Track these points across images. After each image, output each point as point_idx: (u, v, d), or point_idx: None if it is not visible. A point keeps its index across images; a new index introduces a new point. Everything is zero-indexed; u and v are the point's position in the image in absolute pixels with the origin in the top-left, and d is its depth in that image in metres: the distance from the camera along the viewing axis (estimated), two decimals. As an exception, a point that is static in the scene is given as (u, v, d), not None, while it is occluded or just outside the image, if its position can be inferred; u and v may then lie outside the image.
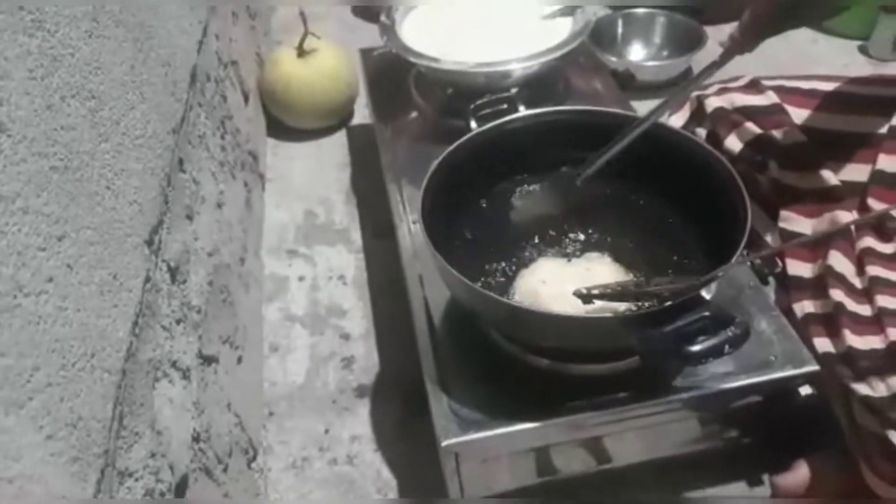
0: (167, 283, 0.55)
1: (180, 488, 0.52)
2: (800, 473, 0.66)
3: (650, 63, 1.23)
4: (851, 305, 0.65)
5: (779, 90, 0.83)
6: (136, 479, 0.44)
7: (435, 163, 0.67)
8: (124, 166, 0.48)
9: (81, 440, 0.37)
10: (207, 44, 0.79)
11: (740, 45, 0.66)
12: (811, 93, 0.82)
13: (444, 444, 0.60)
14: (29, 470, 0.32)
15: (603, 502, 0.68)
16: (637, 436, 0.66)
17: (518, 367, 0.64)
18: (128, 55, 0.52)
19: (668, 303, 0.55)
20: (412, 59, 0.89)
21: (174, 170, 0.60)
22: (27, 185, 0.36)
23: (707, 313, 0.53)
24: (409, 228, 0.80)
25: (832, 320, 0.65)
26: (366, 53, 1.08)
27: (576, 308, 0.59)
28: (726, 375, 0.63)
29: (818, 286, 0.69)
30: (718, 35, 1.22)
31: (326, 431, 0.78)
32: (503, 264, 0.70)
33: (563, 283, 0.62)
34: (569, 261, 0.69)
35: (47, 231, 0.37)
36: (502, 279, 0.68)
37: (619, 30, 1.27)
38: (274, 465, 0.75)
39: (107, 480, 0.40)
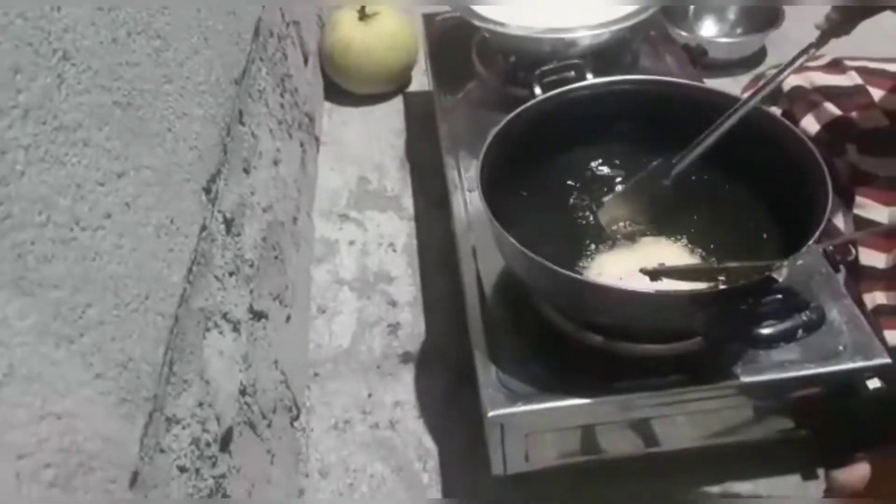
0: (222, 233, 0.55)
1: (225, 440, 0.51)
2: (859, 469, 0.62)
3: (723, 40, 1.17)
4: (926, 298, 0.61)
5: (862, 71, 0.79)
6: (184, 427, 0.44)
7: (497, 127, 0.65)
8: (186, 110, 0.47)
9: (131, 382, 0.37)
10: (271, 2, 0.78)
11: (838, 25, 0.62)
12: None
13: (490, 414, 0.58)
14: (76, 407, 0.32)
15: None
16: (689, 420, 0.64)
17: (570, 343, 0.62)
18: (193, -1, 0.51)
19: (741, 283, 0.52)
20: (477, 23, 0.86)
21: (234, 121, 0.59)
22: (89, 116, 0.35)
23: (780, 296, 0.50)
24: (465, 198, 0.78)
25: None
26: (428, 18, 1.06)
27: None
28: (790, 363, 0.60)
29: (892, 276, 0.65)
30: (795, 13, 1.16)
31: (369, 396, 0.78)
32: (562, 238, 0.67)
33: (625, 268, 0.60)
34: (629, 247, 0.66)
35: (107, 166, 0.36)
36: (559, 253, 0.66)
37: (692, 4, 1.22)
38: (316, 426, 0.75)
39: (154, 425, 0.40)
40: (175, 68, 0.47)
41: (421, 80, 1.20)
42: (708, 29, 1.22)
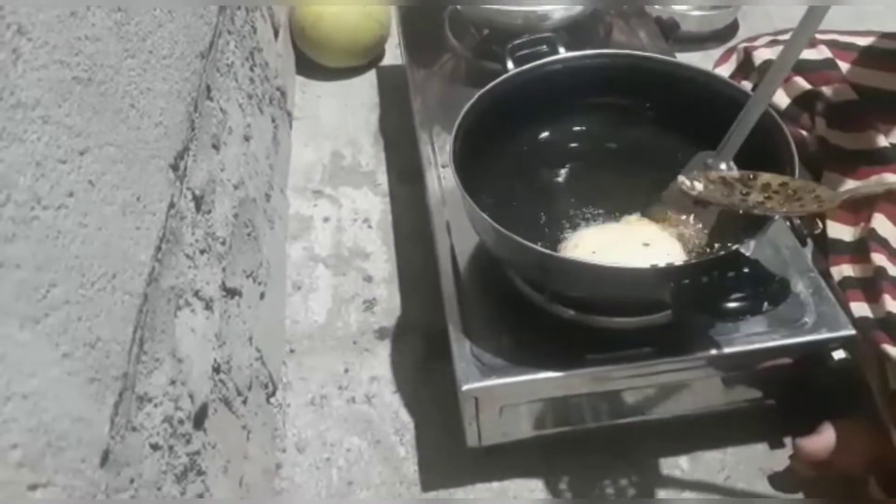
0: (191, 211, 0.54)
1: (199, 418, 0.51)
2: (825, 437, 0.64)
3: (695, 13, 1.17)
4: (893, 270, 0.63)
5: (832, 45, 0.79)
6: (156, 405, 0.44)
7: (469, 102, 0.65)
8: (150, 86, 0.47)
9: (99, 361, 0.37)
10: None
11: None
12: (867, 49, 0.78)
13: (464, 388, 0.59)
14: (44, 387, 0.32)
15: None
16: (659, 392, 0.65)
17: (543, 317, 0.63)
18: (156, -30, 0.50)
19: (707, 257, 0.53)
20: (449, -3, 0.85)
21: (202, 96, 0.58)
22: (48, 93, 0.34)
23: (746, 269, 0.51)
24: (439, 174, 0.78)
25: (872, 284, 0.63)
26: (400, -10, 1.05)
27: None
28: (758, 335, 0.61)
29: (859, 249, 0.66)
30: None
31: (346, 371, 0.78)
32: (534, 212, 0.68)
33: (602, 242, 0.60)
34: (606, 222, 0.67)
35: (68, 143, 0.36)
36: (532, 227, 0.67)
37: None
38: (293, 402, 0.76)
39: (125, 403, 0.40)
40: (137, 42, 0.46)
41: (394, 54, 1.19)
42: (680, 1, 1.21)
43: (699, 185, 0.59)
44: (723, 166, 0.62)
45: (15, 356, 0.30)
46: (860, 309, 0.63)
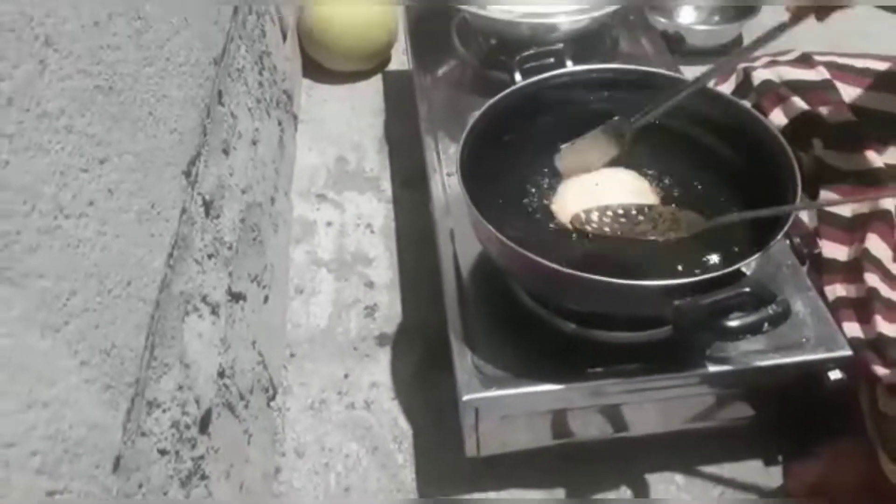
0: (201, 216, 0.55)
1: (204, 422, 0.52)
2: (819, 458, 0.65)
3: (700, 27, 1.18)
4: (886, 291, 0.64)
5: (830, 66, 0.80)
6: (164, 411, 0.45)
7: (477, 113, 0.66)
8: (167, 93, 0.47)
9: (114, 368, 0.37)
10: (250, -25, 0.77)
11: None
12: (864, 71, 0.79)
13: (465, 398, 0.60)
14: (63, 394, 0.32)
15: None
16: (657, 406, 0.66)
17: (544, 329, 0.64)
18: (175, -22, 0.51)
19: (709, 275, 0.54)
20: (458, 6, 0.86)
21: (213, 101, 0.59)
22: (72, 102, 0.35)
23: (747, 289, 0.52)
24: (443, 180, 0.78)
25: (864, 305, 0.64)
26: (409, -3, 1.05)
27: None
28: (756, 353, 0.62)
29: (852, 270, 0.67)
30: (772, 1, 1.17)
31: (346, 376, 0.79)
32: (540, 224, 0.68)
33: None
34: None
35: (90, 153, 0.36)
36: (536, 238, 0.67)
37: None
38: (293, 406, 0.76)
39: (136, 409, 0.40)
40: (155, 50, 0.46)
41: (401, 59, 1.20)
42: (686, 16, 1.23)
43: (594, 219, 0.62)
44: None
45: (36, 365, 0.30)
46: (852, 329, 0.63)
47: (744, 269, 0.56)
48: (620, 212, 0.62)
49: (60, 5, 0.35)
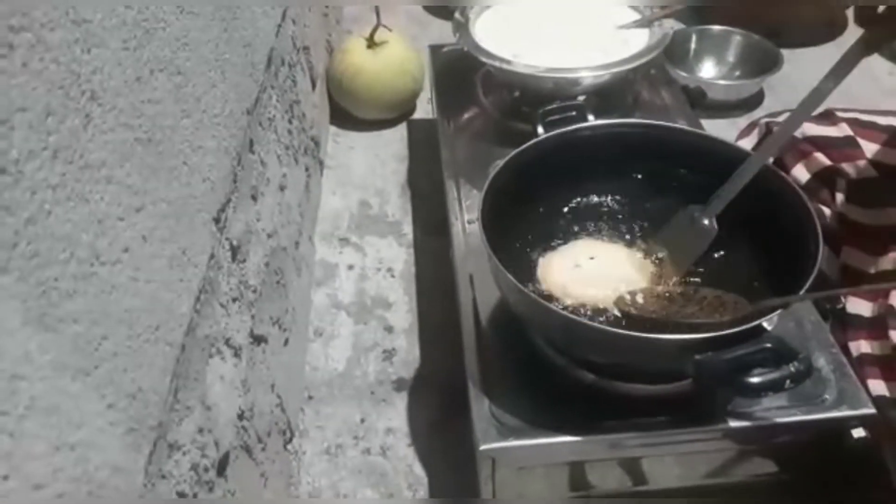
0: (228, 261, 0.56)
1: (222, 465, 0.52)
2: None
3: (722, 82, 1.20)
4: (912, 347, 0.63)
5: (853, 123, 0.81)
6: (184, 453, 0.45)
7: (500, 163, 0.67)
8: (202, 143, 0.49)
9: (139, 411, 0.38)
10: (285, 27, 0.80)
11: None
12: (887, 128, 0.79)
13: (482, 448, 0.59)
14: (89, 437, 0.33)
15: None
16: (677, 460, 0.65)
17: (563, 379, 0.64)
18: (214, 34, 0.53)
19: (728, 330, 0.54)
20: (483, 59, 0.88)
21: (244, 150, 0.61)
22: (113, 154, 0.36)
23: (769, 345, 0.52)
24: (464, 227, 0.79)
25: (889, 362, 0.63)
26: (435, 50, 1.08)
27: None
28: (777, 409, 0.61)
29: (877, 326, 0.67)
30: (793, 58, 1.19)
31: (362, 421, 0.79)
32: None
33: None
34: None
35: (127, 202, 0.38)
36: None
37: (693, 45, 1.24)
38: (309, 449, 0.76)
39: (157, 452, 0.41)
40: (193, 103, 0.48)
41: (425, 108, 1.22)
42: (707, 71, 1.24)
43: (640, 300, 0.62)
44: (706, 221, 0.66)
45: (66, 407, 0.31)
46: (877, 387, 0.63)
47: (765, 325, 0.56)
48: (666, 294, 0.63)
49: (106, 63, 0.37)
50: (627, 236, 0.72)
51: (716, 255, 0.69)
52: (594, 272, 0.66)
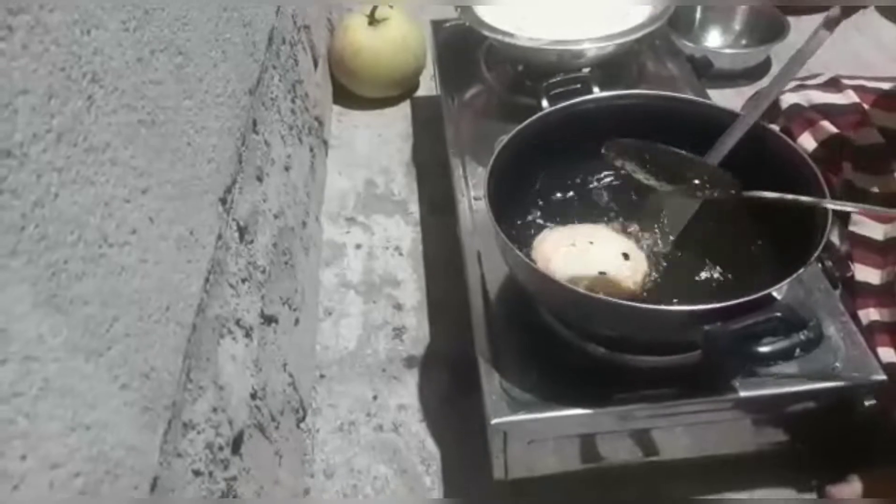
0: (236, 241, 0.56)
1: (237, 443, 0.53)
2: (852, 485, 0.64)
3: (728, 51, 1.19)
4: (922, 315, 0.63)
5: (859, 89, 0.80)
6: (199, 433, 0.46)
7: (504, 138, 0.67)
8: (205, 124, 0.49)
9: (153, 391, 0.38)
10: (285, 6, 0.80)
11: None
12: (893, 94, 0.78)
13: (493, 422, 0.60)
14: (104, 418, 0.33)
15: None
16: (688, 431, 0.65)
17: (573, 353, 0.64)
18: (213, 13, 0.53)
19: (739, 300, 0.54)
20: (486, 33, 0.87)
21: (248, 130, 0.60)
22: (116, 136, 0.36)
23: (779, 314, 0.52)
24: (470, 204, 0.79)
25: None
26: (437, 25, 1.07)
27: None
28: (787, 379, 0.61)
29: (886, 293, 0.66)
30: (800, 25, 1.17)
31: (374, 398, 0.79)
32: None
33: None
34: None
35: (133, 183, 0.38)
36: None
37: (698, 14, 1.23)
38: (322, 427, 0.77)
39: (173, 431, 0.41)
40: (195, 83, 0.48)
41: (428, 85, 1.21)
42: (713, 40, 1.23)
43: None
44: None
45: (80, 388, 0.31)
46: (887, 354, 0.62)
47: (775, 294, 0.56)
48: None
49: (107, 44, 0.37)
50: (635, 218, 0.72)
51: (721, 226, 0.68)
52: (584, 255, 0.66)
